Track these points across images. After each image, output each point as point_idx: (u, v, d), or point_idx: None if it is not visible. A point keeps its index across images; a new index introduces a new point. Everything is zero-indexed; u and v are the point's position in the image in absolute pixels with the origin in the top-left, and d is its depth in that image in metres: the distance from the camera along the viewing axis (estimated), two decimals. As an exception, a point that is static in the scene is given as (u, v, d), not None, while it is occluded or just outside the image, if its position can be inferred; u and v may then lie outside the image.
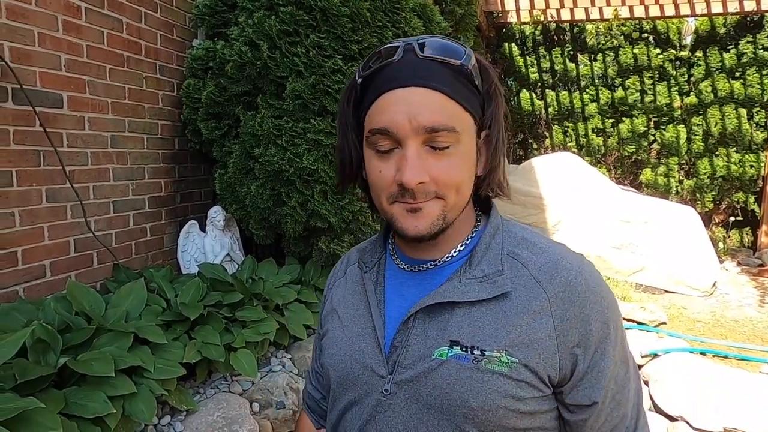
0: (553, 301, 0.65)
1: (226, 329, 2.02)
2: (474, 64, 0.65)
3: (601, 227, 3.98)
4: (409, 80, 0.63)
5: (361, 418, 0.70)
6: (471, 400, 0.63)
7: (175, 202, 2.67)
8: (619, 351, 0.67)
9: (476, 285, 0.67)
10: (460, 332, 0.66)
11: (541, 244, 0.70)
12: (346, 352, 0.74)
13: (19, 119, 1.82)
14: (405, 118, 0.62)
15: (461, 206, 0.68)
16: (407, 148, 0.63)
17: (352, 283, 0.80)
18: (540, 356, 0.63)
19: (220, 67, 2.46)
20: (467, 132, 0.65)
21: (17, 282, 1.85)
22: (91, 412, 1.40)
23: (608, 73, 6.18)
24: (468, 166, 0.66)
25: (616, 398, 0.66)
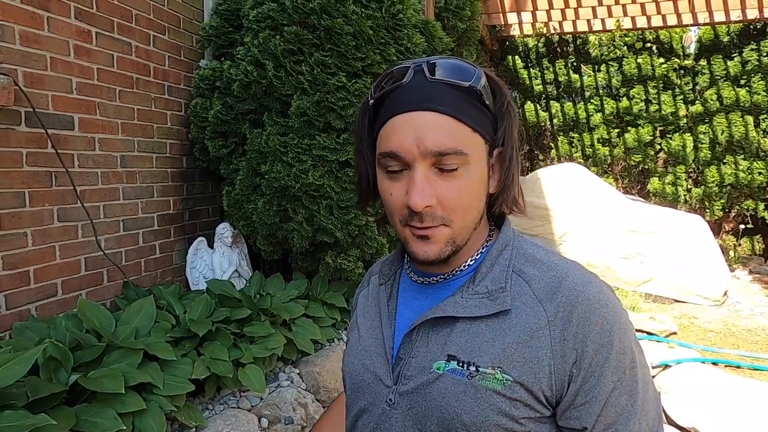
0: (552, 320, 0.64)
1: (235, 345, 2.04)
2: (484, 84, 0.65)
3: (608, 238, 3.97)
4: (418, 104, 0.64)
5: (369, 425, 0.72)
6: (464, 416, 0.63)
7: (184, 219, 2.71)
8: (623, 380, 0.64)
9: (477, 301, 0.67)
10: (458, 347, 0.66)
11: (550, 262, 0.70)
12: (360, 361, 0.76)
13: (32, 142, 1.87)
14: (413, 142, 0.63)
15: (471, 228, 0.68)
16: (415, 171, 0.64)
17: (372, 294, 0.82)
18: (536, 375, 0.63)
19: (227, 87, 2.51)
20: (477, 153, 0.65)
21: (30, 301, 1.88)
22: (102, 429, 1.41)
23: (612, 84, 6.20)
24: (477, 187, 0.67)
25: (617, 429, 0.63)
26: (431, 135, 0.62)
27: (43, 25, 1.88)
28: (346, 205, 2.37)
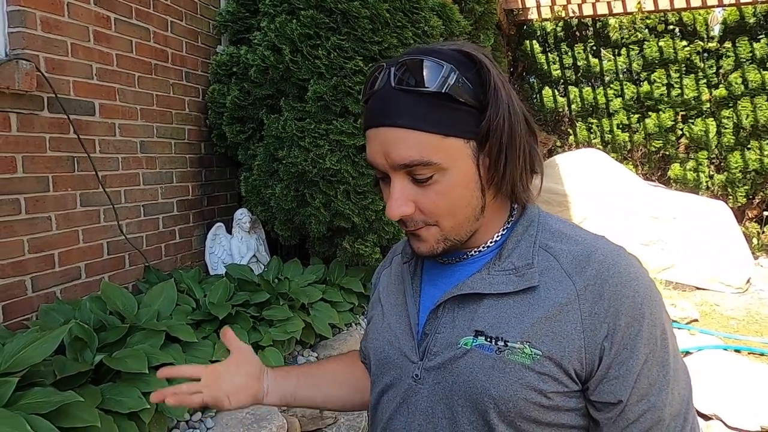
0: (582, 294, 0.64)
1: (254, 328, 2.06)
2: (454, 83, 0.61)
3: (628, 224, 3.91)
4: (380, 119, 0.64)
5: (395, 400, 0.72)
6: (492, 390, 0.63)
7: (203, 205, 2.73)
8: (655, 352, 0.63)
9: (504, 277, 0.67)
10: (486, 323, 0.66)
11: (577, 237, 0.69)
12: (385, 338, 0.76)
13: (55, 127, 1.89)
14: (381, 156, 0.64)
15: (468, 222, 0.68)
16: (392, 181, 0.65)
17: (396, 272, 0.82)
18: (565, 349, 0.62)
19: (244, 72, 2.51)
20: (453, 157, 0.63)
21: (55, 283, 1.92)
22: (127, 407, 1.44)
23: (633, 68, 6.07)
24: (460, 189, 0.65)
25: (650, 400, 0.63)
26: (394, 150, 0.63)
27: (63, 11, 1.90)
28: (363, 190, 2.37)
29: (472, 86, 0.63)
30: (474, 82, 0.63)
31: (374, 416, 0.78)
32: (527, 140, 0.67)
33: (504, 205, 0.73)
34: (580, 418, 0.66)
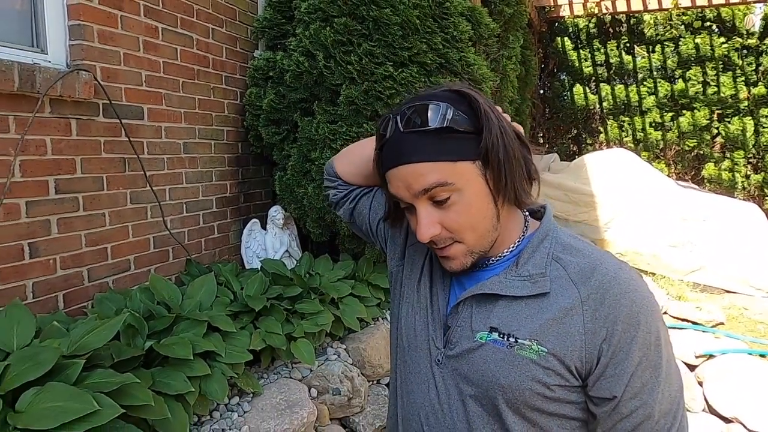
0: (585, 300, 0.73)
1: (287, 320, 2.19)
2: (452, 117, 0.72)
3: (656, 225, 3.90)
4: (397, 160, 0.75)
5: (418, 378, 0.84)
6: (501, 379, 0.74)
7: (239, 202, 2.88)
8: (648, 356, 0.71)
9: (519, 282, 0.77)
10: (500, 321, 0.76)
11: (585, 251, 0.78)
12: (417, 318, 0.87)
13: (108, 131, 2.05)
14: (404, 189, 0.76)
15: (488, 234, 0.78)
16: (417, 209, 0.76)
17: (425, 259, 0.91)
18: (568, 348, 0.72)
19: (280, 76, 2.64)
20: (465, 177, 0.74)
21: (108, 274, 2.09)
22: (174, 389, 1.58)
23: (668, 65, 5.98)
24: (477, 204, 0.75)
25: (642, 398, 0.71)
26: (414, 181, 0.74)
27: (117, 24, 2.05)
28: (391, 191, 2.47)
29: (467, 117, 0.74)
30: (468, 113, 0.74)
31: (400, 390, 0.89)
32: (521, 152, 0.77)
33: (516, 215, 0.83)
34: (579, 412, 0.75)
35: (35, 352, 1.30)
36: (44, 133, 1.81)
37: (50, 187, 1.85)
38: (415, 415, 0.84)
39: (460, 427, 0.78)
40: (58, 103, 1.85)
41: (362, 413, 2.27)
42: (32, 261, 1.80)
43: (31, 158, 1.78)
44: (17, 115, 1.72)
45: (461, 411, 0.78)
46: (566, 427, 0.76)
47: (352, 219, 1.09)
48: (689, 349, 2.82)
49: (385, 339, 2.50)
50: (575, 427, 0.76)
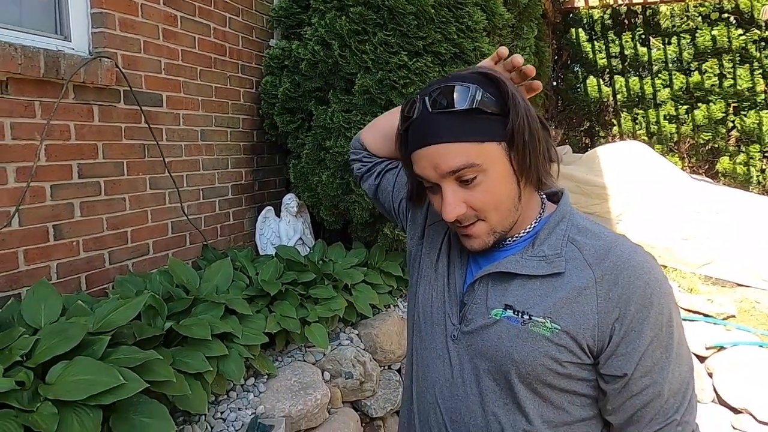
0: (599, 281, 0.75)
1: (301, 305, 2.23)
2: (481, 99, 0.73)
3: (669, 218, 3.89)
4: (424, 140, 0.77)
5: (433, 353, 0.87)
6: (515, 354, 0.76)
7: (254, 189, 2.93)
8: (660, 336, 0.73)
9: (535, 262, 0.79)
10: (515, 298, 0.79)
11: (600, 233, 0.81)
12: (435, 296, 0.90)
13: (129, 117, 2.10)
14: (431, 170, 0.77)
15: (510, 215, 0.80)
16: (443, 189, 0.77)
17: (445, 237, 0.93)
18: (581, 326, 0.74)
19: (295, 65, 2.67)
20: (491, 158, 0.75)
21: (128, 257, 2.14)
22: (193, 368, 1.63)
23: (683, 57, 5.91)
24: (500, 184, 0.77)
25: (652, 377, 0.73)
26: (442, 161, 0.75)
27: (138, 12, 2.09)
28: (404, 180, 2.49)
29: (495, 98, 0.75)
30: (495, 95, 0.75)
31: (416, 365, 0.92)
32: (543, 135, 0.79)
33: (534, 198, 0.85)
34: (589, 389, 0.78)
35: (64, 328, 1.36)
36: (68, 119, 1.86)
37: (73, 171, 1.90)
38: (430, 388, 0.87)
39: (473, 401, 0.81)
40: (82, 90, 1.90)
41: (374, 397, 2.31)
42: (56, 243, 1.86)
43: (55, 143, 1.82)
44: (42, 100, 1.77)
45: (475, 385, 0.81)
46: (576, 404, 0.78)
47: (376, 196, 1.12)
48: (700, 341, 2.83)
49: (397, 326, 2.54)
50: (585, 404, 0.79)
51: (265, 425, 1.72)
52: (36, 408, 1.16)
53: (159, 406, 1.38)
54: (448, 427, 0.83)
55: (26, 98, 1.72)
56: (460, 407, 0.82)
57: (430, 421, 0.86)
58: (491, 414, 0.79)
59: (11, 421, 1.11)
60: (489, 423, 0.79)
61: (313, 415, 1.93)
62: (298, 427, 1.90)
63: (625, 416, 0.76)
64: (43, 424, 1.11)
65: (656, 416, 0.74)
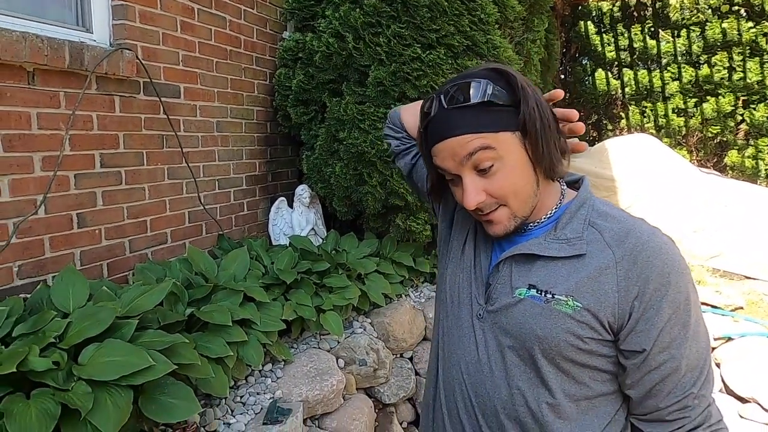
0: (620, 261, 0.79)
1: (316, 293, 2.28)
2: (492, 92, 0.78)
3: (677, 210, 3.91)
4: (442, 135, 0.82)
5: (460, 332, 0.91)
6: (538, 331, 0.80)
7: (267, 180, 2.97)
8: (678, 313, 0.77)
9: (557, 245, 0.83)
10: (538, 278, 0.83)
11: (620, 217, 0.84)
12: (462, 277, 0.94)
13: (149, 108, 2.14)
14: (450, 159, 0.82)
15: (529, 200, 0.84)
16: (463, 179, 0.82)
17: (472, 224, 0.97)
18: (602, 304, 0.78)
19: (309, 58, 2.70)
20: (507, 146, 0.80)
21: (147, 246, 2.19)
22: (215, 353, 1.68)
23: (693, 50, 5.89)
24: (517, 171, 0.81)
25: (670, 352, 0.76)
26: (460, 150, 0.80)
27: (157, 4, 2.12)
28: (417, 171, 2.53)
29: (506, 91, 0.80)
30: (506, 88, 0.80)
31: (442, 342, 0.96)
32: (554, 125, 0.83)
33: (553, 185, 0.89)
34: (610, 365, 0.82)
35: (94, 312, 1.40)
36: (91, 109, 1.90)
37: (96, 161, 1.94)
38: (456, 365, 0.91)
39: (498, 376, 0.85)
40: (104, 81, 1.93)
41: (387, 384, 2.36)
42: (80, 231, 1.90)
43: (79, 133, 1.87)
44: (67, 91, 1.81)
45: (500, 361, 0.85)
46: (597, 379, 0.82)
47: (411, 175, 1.16)
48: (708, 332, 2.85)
49: (409, 315, 2.59)
50: (606, 379, 0.83)
51: (284, 409, 1.77)
52: (71, 387, 1.21)
53: (185, 388, 1.43)
54: (473, 400, 0.87)
55: (52, 89, 1.76)
56: (485, 381, 0.86)
57: (456, 395, 0.90)
58: (515, 388, 0.83)
59: (49, 398, 1.16)
60: (513, 396, 0.83)
61: (329, 401, 1.97)
62: (315, 412, 1.95)
63: (644, 390, 0.79)
64: (79, 402, 1.16)
65: (674, 390, 0.78)
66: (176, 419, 1.39)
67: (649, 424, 0.81)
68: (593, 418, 0.83)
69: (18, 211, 1.69)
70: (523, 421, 0.83)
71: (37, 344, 1.27)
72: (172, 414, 1.37)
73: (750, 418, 2.52)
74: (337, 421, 2.01)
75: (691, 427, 0.78)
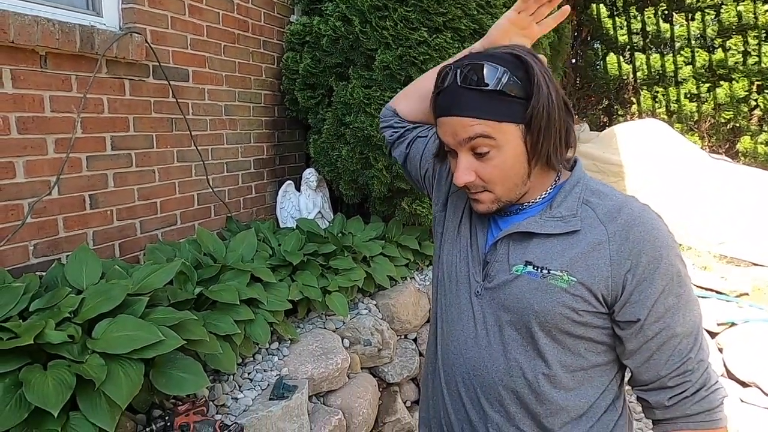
0: (612, 237, 0.82)
1: (322, 275, 2.32)
2: (507, 81, 0.79)
3: (685, 196, 3.89)
4: (449, 111, 0.84)
5: (458, 309, 0.95)
6: (535, 305, 0.84)
7: (275, 164, 3.00)
8: (671, 285, 0.80)
9: (552, 222, 0.86)
10: (534, 255, 0.86)
11: (612, 195, 0.87)
12: (459, 257, 0.97)
13: (158, 92, 2.17)
14: (451, 137, 0.85)
15: (516, 188, 0.87)
16: (459, 156, 0.85)
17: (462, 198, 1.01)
18: (595, 278, 0.81)
19: (316, 41, 2.71)
20: (507, 137, 0.82)
21: (157, 227, 2.24)
22: (223, 330, 1.73)
23: (707, 34, 5.78)
24: (511, 162, 0.83)
25: (665, 321, 0.80)
26: (461, 131, 0.82)
27: (165, -13, 2.15)
28: (422, 155, 2.55)
29: (521, 82, 0.81)
30: (522, 79, 0.81)
31: (440, 320, 1.00)
32: (564, 120, 0.84)
33: (547, 171, 0.91)
34: (604, 336, 0.85)
35: (107, 289, 1.46)
36: (101, 92, 1.94)
37: (107, 143, 1.99)
38: (455, 341, 0.94)
39: (496, 349, 0.89)
40: (114, 64, 1.97)
41: (391, 364, 2.41)
42: (92, 211, 1.96)
43: (90, 116, 1.91)
44: (78, 74, 1.84)
45: (498, 335, 0.89)
46: (592, 350, 0.86)
47: (405, 164, 1.18)
48: (711, 317, 2.87)
49: (413, 297, 2.63)
50: (601, 351, 0.87)
51: (289, 385, 1.82)
52: (85, 360, 1.27)
53: (194, 363, 1.48)
54: (471, 374, 0.91)
55: (63, 72, 1.79)
56: (483, 356, 0.90)
57: (454, 370, 0.94)
58: (513, 360, 0.87)
59: (65, 370, 1.22)
60: (511, 368, 0.87)
61: (333, 378, 2.03)
62: (320, 389, 2.00)
63: (643, 359, 0.83)
64: (93, 373, 1.22)
65: (672, 356, 0.81)
66: (186, 392, 1.45)
67: (652, 393, 0.85)
68: (588, 388, 0.87)
69: (33, 192, 1.74)
70: (521, 392, 0.87)
71: (52, 318, 1.32)
72: (182, 387, 1.42)
73: (751, 402, 2.54)
74: (341, 398, 2.06)
75: (694, 390, 0.82)
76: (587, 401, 0.87)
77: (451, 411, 0.96)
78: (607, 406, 0.88)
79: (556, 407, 0.85)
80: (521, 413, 0.88)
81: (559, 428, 0.86)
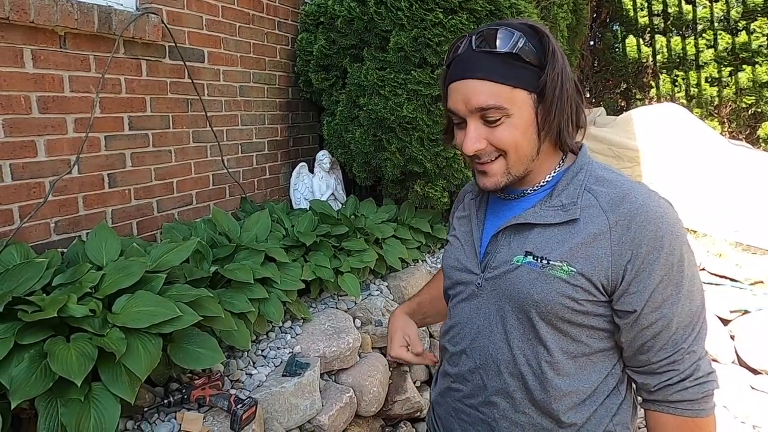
0: (613, 227, 0.81)
1: (335, 256, 2.35)
2: (522, 46, 0.79)
3: (702, 182, 3.84)
4: (462, 74, 0.82)
5: (462, 302, 0.97)
6: (535, 295, 0.84)
7: (289, 145, 3.02)
8: (671, 275, 0.79)
9: (552, 211, 0.86)
10: (534, 246, 0.86)
11: (616, 182, 0.86)
12: (456, 257, 0.99)
13: (174, 72, 2.19)
14: (462, 103, 0.83)
15: (525, 161, 0.86)
16: (468, 124, 0.83)
17: (467, 205, 1.04)
18: (595, 268, 0.81)
19: (331, 22, 2.70)
20: (518, 105, 0.81)
21: (174, 207, 2.28)
22: (238, 308, 1.77)
23: (731, 16, 5.63)
24: (522, 130, 0.82)
25: (662, 311, 0.80)
26: (473, 97, 0.81)
27: (181, -32, 2.15)
28: (436, 138, 2.55)
29: (536, 50, 0.81)
30: (537, 47, 0.81)
31: (449, 314, 1.02)
32: (575, 99, 0.84)
33: (554, 152, 0.91)
34: (605, 323, 0.86)
35: (126, 265, 1.50)
36: (119, 73, 1.96)
37: (125, 123, 2.02)
38: (460, 332, 0.97)
39: (499, 338, 0.90)
40: (131, 45, 1.99)
41: (401, 344, 2.44)
42: (111, 190, 2.00)
43: (108, 96, 1.94)
44: (96, 54, 1.87)
45: (500, 324, 0.90)
46: (594, 337, 0.87)
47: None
48: (725, 304, 2.85)
49: (424, 280, 2.65)
50: (602, 337, 0.87)
51: (302, 363, 1.86)
52: (106, 333, 1.31)
53: (210, 339, 1.52)
54: (477, 362, 0.93)
55: (82, 52, 1.82)
56: (487, 345, 0.92)
57: (462, 360, 0.97)
58: (516, 348, 0.88)
59: (87, 342, 1.26)
60: (515, 356, 0.88)
61: (345, 357, 2.07)
62: (332, 367, 2.04)
63: (636, 346, 0.84)
64: (114, 346, 1.26)
65: (665, 346, 0.82)
66: (202, 366, 1.49)
67: (640, 375, 0.86)
68: (591, 373, 0.88)
69: (54, 170, 1.78)
70: (526, 379, 0.88)
71: (75, 293, 1.37)
72: (199, 361, 1.47)
73: (762, 389, 2.54)
74: (352, 377, 2.10)
75: (678, 379, 0.82)
76: (591, 386, 0.88)
77: (460, 397, 0.98)
78: (611, 390, 0.89)
79: (560, 393, 0.86)
80: (527, 400, 0.89)
81: (564, 413, 0.87)
